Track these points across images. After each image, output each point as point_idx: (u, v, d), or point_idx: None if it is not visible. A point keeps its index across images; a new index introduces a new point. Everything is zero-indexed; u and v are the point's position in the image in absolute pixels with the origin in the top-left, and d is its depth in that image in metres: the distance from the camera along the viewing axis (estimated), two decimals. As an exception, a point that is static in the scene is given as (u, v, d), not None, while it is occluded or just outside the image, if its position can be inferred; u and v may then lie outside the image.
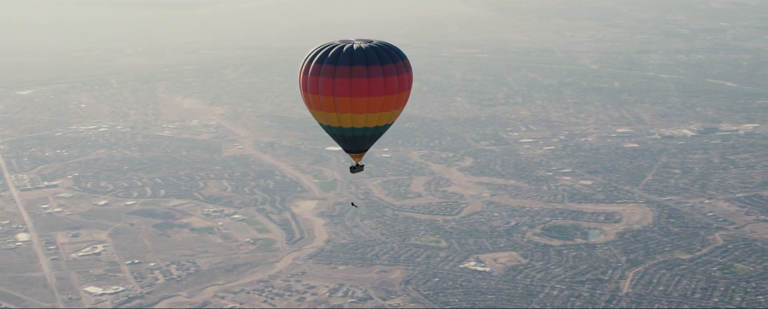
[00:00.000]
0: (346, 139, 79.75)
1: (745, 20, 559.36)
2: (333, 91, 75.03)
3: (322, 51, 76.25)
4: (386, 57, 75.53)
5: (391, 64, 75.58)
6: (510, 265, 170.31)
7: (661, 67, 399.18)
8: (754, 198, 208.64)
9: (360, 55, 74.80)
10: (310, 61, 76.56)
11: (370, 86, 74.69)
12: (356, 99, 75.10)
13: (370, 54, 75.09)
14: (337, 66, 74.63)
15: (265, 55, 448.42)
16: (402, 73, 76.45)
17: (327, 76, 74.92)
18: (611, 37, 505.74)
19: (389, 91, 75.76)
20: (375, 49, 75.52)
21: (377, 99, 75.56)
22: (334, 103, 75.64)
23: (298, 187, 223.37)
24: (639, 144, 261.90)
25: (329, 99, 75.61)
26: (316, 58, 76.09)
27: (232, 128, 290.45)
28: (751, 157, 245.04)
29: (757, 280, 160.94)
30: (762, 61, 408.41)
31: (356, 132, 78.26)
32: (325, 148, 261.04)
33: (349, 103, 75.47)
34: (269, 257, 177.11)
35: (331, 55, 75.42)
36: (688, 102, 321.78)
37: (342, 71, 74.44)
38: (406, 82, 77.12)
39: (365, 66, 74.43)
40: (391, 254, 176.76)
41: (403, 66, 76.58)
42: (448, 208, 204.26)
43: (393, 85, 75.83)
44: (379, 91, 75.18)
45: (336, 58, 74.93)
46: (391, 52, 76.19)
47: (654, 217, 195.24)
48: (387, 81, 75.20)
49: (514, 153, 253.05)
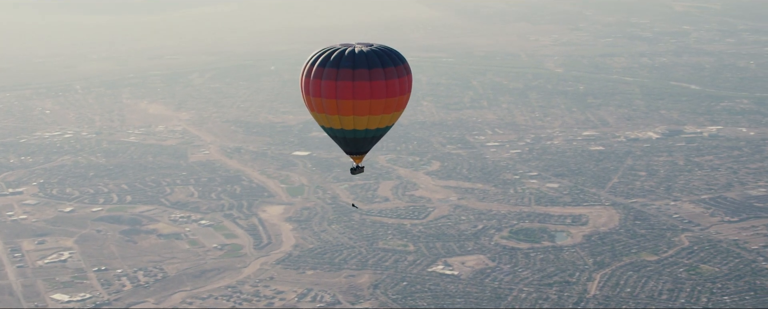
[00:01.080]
0: (347, 141, 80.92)
1: (708, 23, 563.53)
2: (335, 94, 76.15)
3: (325, 54, 77.09)
4: (387, 60, 76.78)
5: (392, 67, 76.88)
6: (478, 269, 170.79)
7: (626, 71, 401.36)
8: (718, 199, 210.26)
9: (362, 59, 75.90)
10: (312, 64, 77.42)
11: (372, 89, 75.94)
12: (358, 101, 76.27)
13: (372, 57, 76.29)
14: (339, 69, 75.68)
15: (230, 61, 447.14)
16: (402, 75, 77.76)
17: (329, 79, 75.97)
18: (576, 40, 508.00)
19: (390, 94, 77.03)
20: (376, 52, 76.81)
21: (379, 101, 76.82)
22: (337, 105, 76.76)
23: (265, 193, 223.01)
24: (604, 147, 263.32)
25: (332, 101, 76.71)
26: (319, 61, 76.96)
27: (198, 134, 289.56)
28: (715, 159, 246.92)
29: (723, 281, 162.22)
30: (724, 64, 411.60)
31: (358, 134, 79.44)
32: (292, 152, 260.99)
33: (351, 106, 76.60)
34: (237, 263, 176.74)
35: (333, 58, 76.37)
36: (653, 105, 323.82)
37: (344, 74, 75.52)
38: (406, 84, 78.52)
39: (367, 69, 75.61)
40: (359, 258, 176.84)
41: (403, 69, 77.98)
42: (415, 212, 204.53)
43: (394, 88, 77.08)
44: (380, 94, 76.42)
45: (338, 62, 75.95)
46: (392, 55, 77.49)
47: (620, 220, 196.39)
48: (388, 84, 76.52)
49: (480, 157, 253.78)
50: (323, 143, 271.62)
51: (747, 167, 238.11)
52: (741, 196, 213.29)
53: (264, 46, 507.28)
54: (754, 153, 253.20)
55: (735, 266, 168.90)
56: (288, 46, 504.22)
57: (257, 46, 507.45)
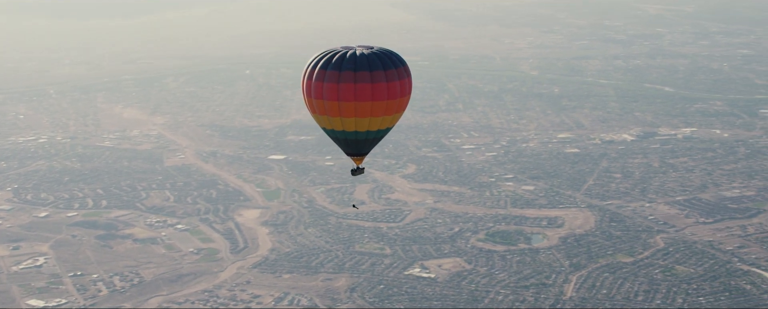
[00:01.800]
0: (349, 143, 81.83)
1: (681, 26, 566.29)
2: (338, 96, 77.06)
3: (326, 57, 78.11)
4: (388, 62, 77.78)
5: (393, 70, 77.86)
6: (454, 271, 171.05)
7: (600, 73, 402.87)
8: (693, 201, 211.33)
9: (363, 61, 76.87)
10: (314, 66, 78.50)
11: (374, 91, 76.88)
12: (360, 103, 77.20)
13: (373, 60, 77.29)
14: (341, 71, 76.60)
15: (205, 65, 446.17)
16: (403, 78, 78.67)
17: (332, 81, 76.89)
18: (550, 43, 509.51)
19: (392, 96, 78.01)
20: (377, 54, 77.75)
21: (380, 103, 77.79)
22: (339, 107, 77.66)
23: (241, 196, 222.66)
24: (580, 149, 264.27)
25: (334, 104, 77.60)
26: (321, 63, 77.97)
27: (173, 138, 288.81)
28: (689, 161, 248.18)
29: (698, 282, 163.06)
30: (698, 66, 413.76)
31: (359, 136, 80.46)
32: (268, 156, 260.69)
33: (353, 108, 77.52)
34: (213, 267, 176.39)
35: (335, 60, 77.38)
36: (627, 107, 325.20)
37: (346, 76, 76.45)
38: (407, 86, 79.46)
39: (368, 71, 76.55)
40: (336, 262, 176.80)
41: (404, 71, 78.82)
42: (391, 216, 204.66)
43: (395, 90, 78.02)
44: (381, 96, 77.43)
45: (340, 64, 76.94)
46: (392, 58, 78.39)
47: (596, 222, 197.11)
48: (389, 86, 77.46)
49: (456, 159, 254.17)
50: (299, 147, 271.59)
51: (721, 169, 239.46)
52: (715, 197, 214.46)
53: (239, 49, 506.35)
54: (728, 154, 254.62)
55: (710, 267, 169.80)
56: (263, 49, 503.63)
57: (232, 50, 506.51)
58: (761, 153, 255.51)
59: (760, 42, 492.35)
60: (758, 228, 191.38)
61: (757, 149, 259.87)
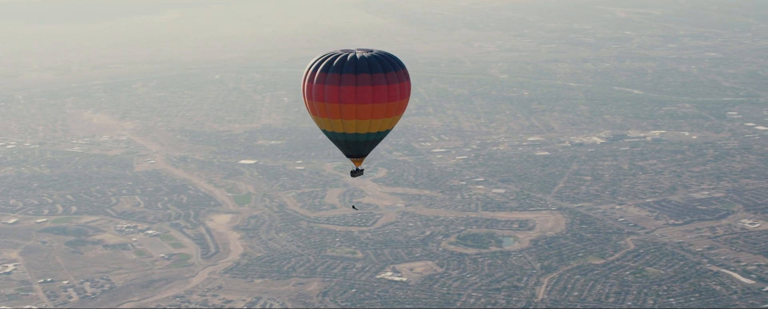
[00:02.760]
0: (349, 145, 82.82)
1: (649, 29, 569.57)
2: (339, 99, 78.09)
3: (327, 60, 78.90)
4: (388, 65, 79.01)
5: (393, 73, 79.18)
6: (426, 275, 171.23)
7: (569, 76, 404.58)
8: (663, 203, 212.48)
9: (364, 64, 77.95)
10: (314, 69, 79.22)
11: (374, 93, 78.04)
12: (361, 106, 78.31)
13: (373, 63, 78.43)
14: (342, 74, 77.62)
15: (174, 69, 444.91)
16: (403, 80, 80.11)
17: (333, 83, 77.80)
18: (519, 47, 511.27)
19: (391, 98, 79.37)
20: (377, 57, 78.95)
21: (380, 105, 78.95)
22: (340, 109, 78.75)
23: (212, 201, 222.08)
24: (550, 152, 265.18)
25: (335, 106, 78.63)
26: (321, 66, 78.79)
27: (143, 143, 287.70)
28: (658, 163, 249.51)
29: (668, 283, 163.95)
30: (666, 69, 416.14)
31: (359, 137, 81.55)
32: (238, 161, 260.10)
33: (354, 110, 78.64)
34: (185, 272, 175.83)
35: (335, 63, 78.22)
36: (597, 110, 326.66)
37: (347, 79, 77.50)
38: (406, 89, 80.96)
39: (369, 74, 77.72)
40: (308, 266, 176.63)
41: (403, 74, 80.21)
42: (363, 219, 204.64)
43: (395, 92, 79.41)
44: (382, 98, 78.63)
45: (341, 67, 77.86)
46: (392, 60, 79.73)
47: (567, 224, 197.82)
48: (389, 88, 78.74)
49: (427, 163, 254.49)
50: (270, 151, 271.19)
51: (690, 170, 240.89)
52: (685, 199, 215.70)
53: (208, 54, 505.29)
54: (697, 156, 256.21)
55: (680, 268, 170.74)
56: (233, 54, 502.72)
57: (202, 54, 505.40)
58: (729, 155, 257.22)
59: (728, 45, 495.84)
60: (727, 229, 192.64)
61: (725, 151, 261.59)
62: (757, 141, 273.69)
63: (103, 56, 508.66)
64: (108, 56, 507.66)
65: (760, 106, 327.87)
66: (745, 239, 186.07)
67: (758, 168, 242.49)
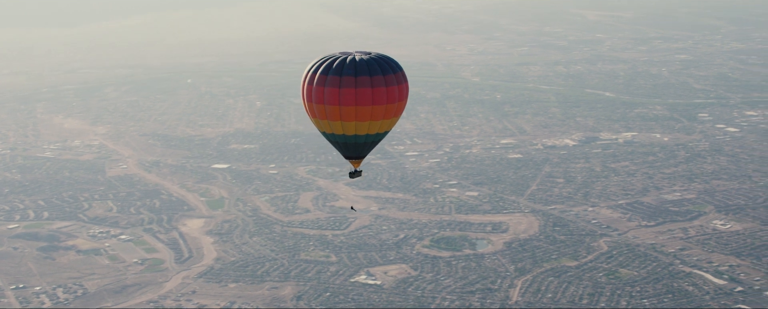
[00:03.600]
0: (348, 146, 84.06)
1: (621, 32, 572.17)
2: (339, 101, 79.10)
3: (327, 62, 79.98)
4: (387, 68, 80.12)
5: (392, 75, 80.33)
6: (400, 278, 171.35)
7: (541, 79, 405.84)
8: (635, 204, 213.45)
9: (363, 66, 79.05)
10: (314, 72, 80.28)
11: (374, 95, 79.18)
12: (360, 108, 79.43)
13: (373, 65, 79.55)
14: (342, 77, 78.66)
15: (146, 74, 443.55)
16: (401, 83, 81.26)
17: (333, 86, 78.80)
18: (492, 50, 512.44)
19: (390, 100, 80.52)
20: (376, 60, 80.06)
21: (379, 107, 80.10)
22: (340, 112, 79.80)
23: (185, 206, 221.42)
24: (522, 154, 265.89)
25: (335, 108, 79.68)
26: (321, 69, 79.81)
27: (115, 148, 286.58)
28: (631, 165, 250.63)
29: (641, 284, 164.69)
30: (638, 72, 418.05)
31: (359, 139, 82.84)
32: (211, 165, 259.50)
33: (353, 112, 79.72)
34: (158, 277, 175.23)
35: (335, 66, 79.30)
36: (569, 112, 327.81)
37: (347, 82, 78.54)
38: (405, 91, 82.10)
39: (369, 77, 78.78)
40: (282, 270, 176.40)
41: (401, 76, 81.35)
42: (336, 223, 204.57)
43: (393, 94, 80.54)
44: (381, 100, 79.75)
45: (341, 69, 78.93)
46: (391, 63, 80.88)
47: (540, 226, 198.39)
48: (388, 90, 79.86)
49: (400, 166, 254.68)
50: (242, 155, 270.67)
51: (662, 172, 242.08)
52: (657, 200, 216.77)
53: (180, 58, 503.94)
54: (669, 158, 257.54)
55: (653, 269, 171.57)
56: (205, 58, 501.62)
57: (173, 58, 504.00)
58: (701, 156, 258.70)
59: (698, 47, 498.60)
60: (699, 230, 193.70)
61: (696, 153, 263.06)
62: (727, 142, 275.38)
63: (74, 61, 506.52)
64: (79, 61, 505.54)
65: (731, 108, 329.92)
66: (717, 240, 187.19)
67: (729, 169, 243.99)
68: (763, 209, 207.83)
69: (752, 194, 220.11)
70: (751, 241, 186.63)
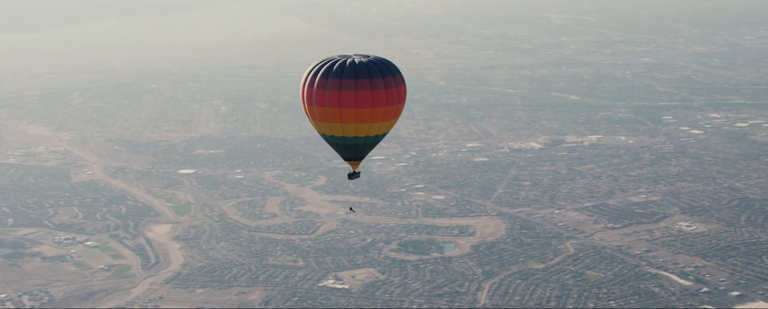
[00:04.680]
0: (348, 148, 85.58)
1: (585, 35, 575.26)
2: (339, 103, 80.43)
3: (327, 65, 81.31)
4: (386, 70, 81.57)
5: (391, 77, 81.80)
6: (368, 282, 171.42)
7: (507, 82, 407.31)
8: (601, 207, 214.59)
9: (363, 69, 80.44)
10: (314, 74, 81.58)
11: (373, 97, 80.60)
12: (360, 110, 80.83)
13: (372, 68, 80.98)
14: (342, 79, 79.97)
15: (110, 79, 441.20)
16: (400, 85, 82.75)
17: (333, 88, 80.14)
18: (457, 54, 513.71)
19: (389, 102, 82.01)
20: (375, 63, 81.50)
21: (378, 109, 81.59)
22: (340, 114, 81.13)
23: (151, 212, 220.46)
24: (489, 158, 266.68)
25: (335, 110, 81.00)
26: (322, 71, 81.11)
27: (80, 154, 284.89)
28: (596, 168, 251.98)
29: (608, 286, 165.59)
30: (602, 75, 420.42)
31: (358, 141, 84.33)
32: (177, 171, 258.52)
33: (354, 114, 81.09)
34: (125, 283, 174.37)
35: (335, 68, 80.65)
36: (534, 115, 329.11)
37: (347, 84, 79.87)
38: (403, 93, 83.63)
39: (368, 79, 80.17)
40: (249, 275, 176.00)
41: (400, 79, 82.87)
42: (303, 228, 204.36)
43: (392, 97, 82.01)
44: (380, 102, 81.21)
45: (341, 72, 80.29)
46: (390, 66, 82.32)
47: (507, 229, 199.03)
48: (387, 93, 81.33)
49: (366, 170, 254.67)
50: (209, 161, 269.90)
51: (627, 175, 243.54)
52: (622, 202, 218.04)
53: (144, 64, 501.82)
54: (634, 160, 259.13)
55: (619, 271, 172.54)
56: (170, 63, 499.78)
57: (137, 64, 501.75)
58: (665, 158, 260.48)
59: (661, 50, 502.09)
60: (665, 232, 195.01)
61: (661, 155, 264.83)
62: (691, 145, 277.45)
63: (38, 66, 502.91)
64: (43, 66, 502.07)
65: (694, 110, 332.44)
66: (682, 241, 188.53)
67: (693, 171, 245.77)
68: (727, 210, 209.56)
69: (716, 196, 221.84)
70: (715, 242, 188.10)
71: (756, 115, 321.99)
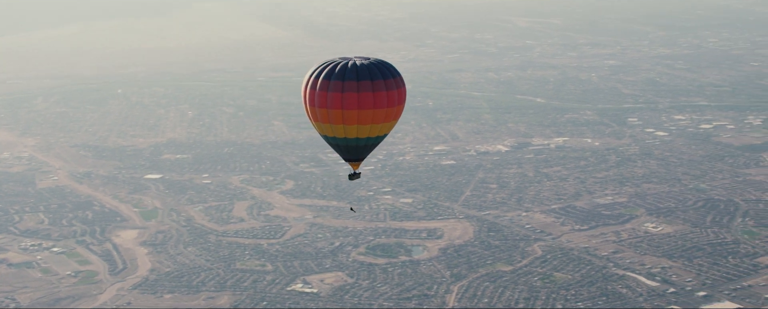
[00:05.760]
0: (349, 149, 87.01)
1: (550, 38, 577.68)
2: (341, 105, 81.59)
3: (328, 67, 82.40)
4: (387, 72, 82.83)
5: (391, 79, 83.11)
6: (337, 285, 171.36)
7: (473, 86, 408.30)
8: (568, 209, 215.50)
9: (364, 71, 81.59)
10: (317, 76, 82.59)
11: (375, 99, 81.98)
12: (363, 111, 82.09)
13: (373, 70, 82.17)
14: (344, 81, 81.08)
15: (75, 84, 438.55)
16: (400, 86, 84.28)
17: (335, 90, 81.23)
18: (423, 57, 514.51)
19: (390, 104, 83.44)
20: (376, 65, 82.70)
21: (381, 111, 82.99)
22: (342, 115, 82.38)
23: (118, 217, 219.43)
24: (456, 161, 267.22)
25: (337, 112, 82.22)
26: (324, 73, 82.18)
27: (45, 159, 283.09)
28: (563, 170, 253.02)
29: (576, 288, 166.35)
30: (568, 77, 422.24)
31: (360, 142, 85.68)
32: (144, 176, 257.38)
33: (356, 116, 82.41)
34: (92, 289, 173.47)
35: (337, 71, 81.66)
36: (501, 118, 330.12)
37: (350, 86, 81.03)
38: (403, 95, 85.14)
39: (370, 81, 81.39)
40: (218, 280, 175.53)
41: (400, 81, 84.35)
42: (271, 232, 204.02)
43: (393, 98, 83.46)
44: (382, 104, 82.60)
45: (343, 74, 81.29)
46: (390, 68, 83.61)
47: (474, 232, 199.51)
48: (388, 94, 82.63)
49: (334, 174, 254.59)
50: (175, 165, 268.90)
51: (594, 177, 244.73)
52: (589, 204, 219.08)
53: (109, 69, 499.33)
54: (600, 162, 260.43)
55: (587, 273, 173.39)
56: (135, 68, 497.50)
57: (102, 69, 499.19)
58: (631, 160, 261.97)
59: (626, 53, 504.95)
60: (631, 233, 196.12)
61: (627, 157, 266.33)
62: (657, 146, 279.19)
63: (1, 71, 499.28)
64: (7, 71, 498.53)
65: (659, 112, 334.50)
66: (649, 242, 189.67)
67: (659, 173, 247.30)
68: (692, 211, 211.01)
69: (682, 197, 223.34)
70: (682, 242, 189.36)
71: (720, 116, 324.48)
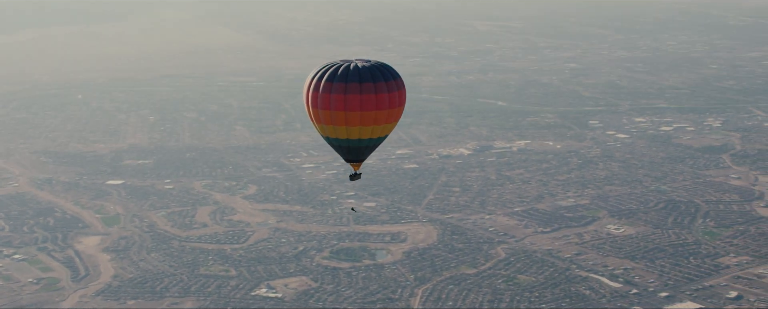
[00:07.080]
0: (351, 150, 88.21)
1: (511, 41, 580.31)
2: (344, 106, 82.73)
3: (331, 70, 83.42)
4: (388, 75, 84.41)
5: (393, 81, 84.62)
6: (301, 290, 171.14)
7: (435, 89, 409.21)
8: (531, 211, 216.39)
9: (366, 73, 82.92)
10: (319, 79, 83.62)
11: (377, 101, 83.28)
12: (365, 113, 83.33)
13: (375, 72, 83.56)
14: (347, 83, 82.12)
15: (34, 90, 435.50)
16: (401, 88, 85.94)
17: (338, 92, 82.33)
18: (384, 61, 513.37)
19: (391, 105, 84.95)
20: (377, 67, 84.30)
21: (382, 112, 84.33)
22: (345, 117, 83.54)
23: (80, 223, 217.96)
24: (418, 164, 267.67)
25: (340, 114, 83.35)
26: (326, 76, 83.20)
27: (5, 166, 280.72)
28: (525, 173, 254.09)
29: (540, 290, 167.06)
30: (529, 80, 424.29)
31: (362, 143, 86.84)
32: (105, 182, 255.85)
33: (358, 117, 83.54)
34: (55, 296, 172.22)
35: (340, 73, 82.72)
36: (463, 122, 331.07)
37: (352, 88, 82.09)
38: (403, 96, 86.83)
39: (372, 83, 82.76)
40: (181, 286, 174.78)
41: (400, 83, 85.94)
42: (235, 237, 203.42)
43: (394, 100, 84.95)
44: (383, 105, 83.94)
45: (345, 76, 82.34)
46: (391, 70, 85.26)
47: (438, 235, 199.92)
48: (390, 96, 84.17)
49: (297, 179, 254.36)
50: (137, 171, 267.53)
51: (556, 179, 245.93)
52: (552, 207, 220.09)
53: (69, 74, 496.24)
54: (562, 165, 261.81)
55: (550, 275, 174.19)
56: (95, 73, 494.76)
57: (62, 74, 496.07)
58: (593, 163, 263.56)
59: (586, 56, 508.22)
60: (594, 235, 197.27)
61: (588, 159, 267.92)
62: (618, 149, 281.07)
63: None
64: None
65: (620, 114, 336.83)
66: (611, 244, 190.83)
67: (620, 175, 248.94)
68: (654, 213, 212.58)
69: (643, 199, 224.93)
70: (644, 244, 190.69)
71: (680, 118, 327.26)
